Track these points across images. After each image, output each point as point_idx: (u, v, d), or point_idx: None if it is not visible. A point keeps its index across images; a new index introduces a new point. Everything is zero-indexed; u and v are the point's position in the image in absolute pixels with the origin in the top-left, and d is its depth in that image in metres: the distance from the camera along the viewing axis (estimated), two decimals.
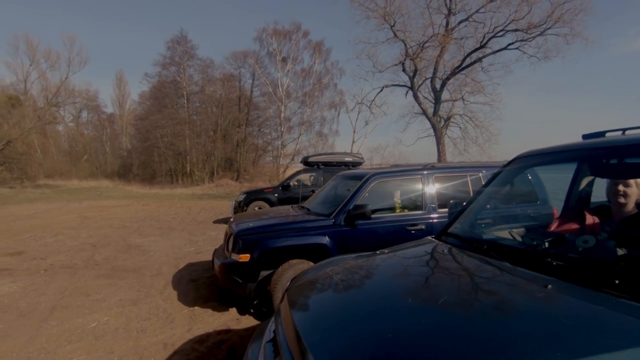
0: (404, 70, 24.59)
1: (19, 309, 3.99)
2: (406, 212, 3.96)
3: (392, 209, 4.03)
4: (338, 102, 34.97)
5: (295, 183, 9.84)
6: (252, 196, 9.49)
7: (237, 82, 34.83)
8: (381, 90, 27.47)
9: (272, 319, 1.85)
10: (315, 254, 3.54)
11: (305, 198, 8.87)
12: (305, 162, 10.30)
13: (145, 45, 72.49)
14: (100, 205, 15.05)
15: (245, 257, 3.49)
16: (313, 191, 9.05)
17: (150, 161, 34.41)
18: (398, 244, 2.44)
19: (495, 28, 22.15)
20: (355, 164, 10.12)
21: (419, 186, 4.01)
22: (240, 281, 3.51)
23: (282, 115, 33.32)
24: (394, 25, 23.16)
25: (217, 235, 8.04)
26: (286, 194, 9.42)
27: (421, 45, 23.58)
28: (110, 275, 5.23)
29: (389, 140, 75.94)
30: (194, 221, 10.41)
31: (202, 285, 4.69)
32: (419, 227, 3.77)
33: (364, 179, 3.94)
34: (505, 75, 29.45)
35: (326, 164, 9.92)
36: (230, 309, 3.89)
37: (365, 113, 32.69)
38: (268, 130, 36.61)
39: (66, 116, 41.37)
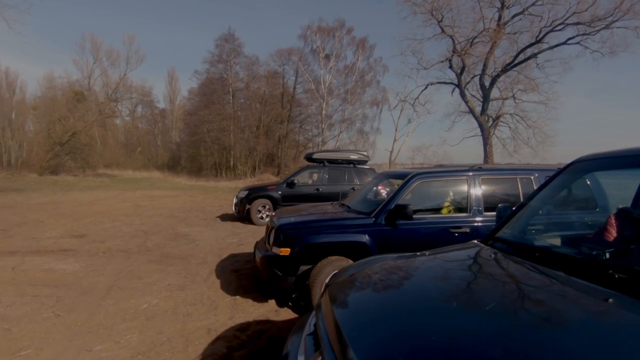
0: (450, 67, 23.72)
1: (82, 287, 4.38)
2: (450, 214, 3.85)
3: (435, 210, 3.94)
4: (380, 100, 34.50)
5: (299, 180, 9.53)
6: (255, 193, 9.08)
7: (281, 79, 35.49)
8: (425, 88, 26.73)
9: (313, 313, 1.89)
10: (355, 251, 3.54)
11: (311, 195, 9.01)
12: (309, 158, 10.00)
13: (196, 44, 75.83)
14: (152, 195, 16.04)
15: (285, 251, 3.58)
16: (318, 189, 9.20)
17: (197, 154, 36.08)
18: (440, 246, 2.39)
19: (553, 22, 20.67)
20: (360, 162, 9.95)
21: (465, 188, 3.87)
22: (280, 274, 3.61)
23: (324, 112, 33.47)
24: (441, 21, 22.38)
25: (258, 228, 8.28)
26: (291, 191, 9.14)
27: (470, 40, 22.59)
28: (160, 261, 5.58)
29: (433, 139, 73.79)
30: None
31: (244, 275, 4.86)
32: (463, 229, 3.65)
33: (407, 179, 3.87)
34: (563, 72, 27.28)
35: (331, 161, 9.71)
36: (269, 301, 4.01)
37: (408, 111, 31.97)
38: (309, 127, 37.00)
39: (123, 110, 44.44)
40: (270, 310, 3.76)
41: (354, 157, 9.89)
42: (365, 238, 3.57)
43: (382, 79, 35.46)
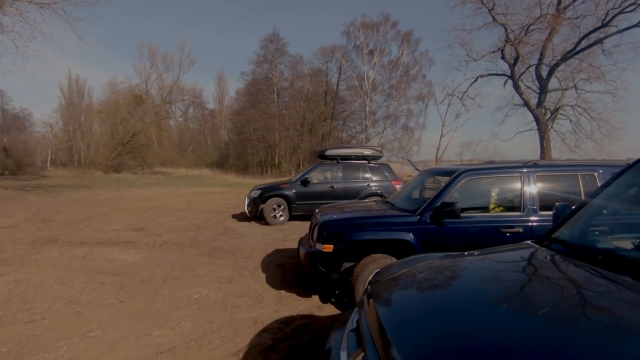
0: (503, 57, 22.33)
1: (141, 276, 4.74)
2: (501, 213, 3.64)
3: (484, 209, 3.75)
4: (426, 94, 33.42)
5: (313, 178, 9.20)
6: (268, 192, 8.68)
7: (324, 77, 35.66)
8: (475, 81, 25.35)
9: (356, 309, 1.90)
10: (399, 249, 3.49)
11: (326, 193, 8.79)
12: (322, 155, 9.67)
13: (243, 45, 78.41)
14: (202, 192, 16.89)
15: (329, 248, 3.61)
16: (332, 187, 8.90)
17: (244, 153, 37.38)
18: (489, 247, 2.28)
19: (622, 2, 18.66)
20: (374, 158, 9.64)
21: (518, 185, 3.64)
22: (324, 270, 3.64)
23: (367, 108, 33.12)
24: (492, 9, 21.14)
25: (302, 225, 8.42)
26: (305, 189, 8.81)
27: (525, 28, 21.08)
28: (211, 254, 5.87)
29: (483, 134, 70.06)
30: None
31: (288, 271, 4.98)
32: (515, 229, 3.45)
33: (454, 175, 3.73)
34: (634, 58, 24.57)
35: (344, 158, 9.42)
36: (313, 296, 4.07)
37: (456, 105, 30.67)
38: (353, 124, 36.86)
39: (176, 112, 47.20)
40: (314, 306, 3.82)
41: (367, 152, 9.59)
42: (410, 236, 3.50)
43: (428, 73, 34.30)
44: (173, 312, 3.64)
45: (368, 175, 9.26)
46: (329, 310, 3.71)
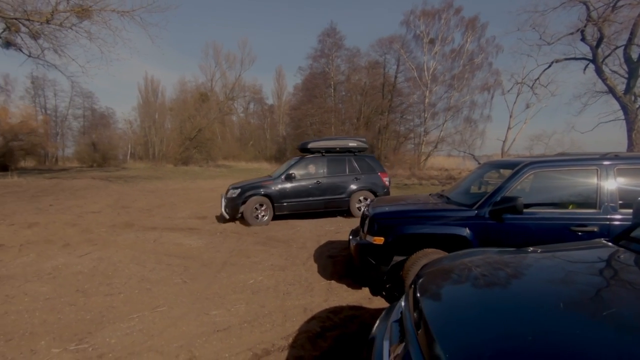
0: (583, 39, 19.96)
1: (202, 260, 5.08)
2: (572, 210, 3.29)
3: (551, 205, 3.42)
4: (492, 84, 31.25)
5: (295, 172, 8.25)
6: (249, 191, 7.71)
7: (382, 69, 34.94)
8: (549, 66, 22.97)
9: (402, 299, 1.85)
10: (453, 245, 3.31)
11: (312, 189, 8.12)
12: (304, 148, 8.80)
13: (302, 41, 79.64)
14: None
15: (379, 240, 3.55)
16: (318, 182, 8.21)
17: None
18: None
19: None
20: (360, 150, 8.95)
21: (593, 180, 3.25)
22: (374, 263, 3.60)
23: (427, 100, 31.89)
24: None
25: (355, 218, 8.39)
26: (290, 185, 8.03)
27: (612, 4, 18.66)
28: (265, 243, 6.11)
29: (557, 126, 63.67)
30: None
31: (339, 262, 5.01)
32: (589, 228, 3.09)
33: (517, 168, 3.44)
34: None
35: (329, 151, 8.71)
36: (363, 289, 4.05)
37: (526, 94, 28.05)
38: (411, 117, 35.76)
39: (238, 108, 49.51)
40: (363, 298, 3.81)
41: (352, 144, 8.89)
42: (466, 231, 3.31)
43: (494, 61, 31.93)
44: (229, 294, 3.86)
45: (354, 168, 8.66)
46: (379, 303, 3.67)
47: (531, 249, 2.02)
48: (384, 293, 3.89)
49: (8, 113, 30.18)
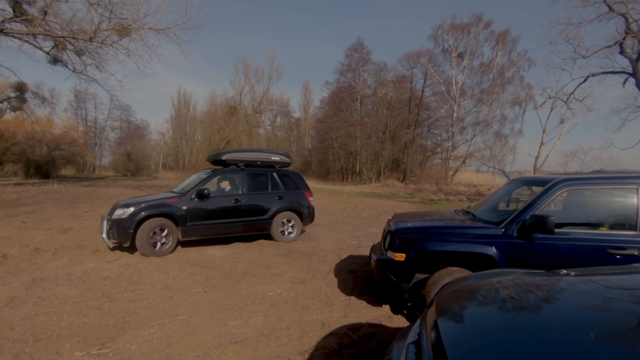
0: (622, 52, 19.10)
1: (224, 270, 5.13)
2: (609, 231, 3.08)
3: (586, 225, 3.21)
4: (524, 98, 30.36)
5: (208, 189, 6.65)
6: (146, 210, 5.92)
7: (409, 83, 34.80)
8: (585, 80, 22.14)
9: (419, 320, 1.78)
10: (478, 264, 3.18)
11: (229, 209, 6.67)
12: (217, 161, 7.31)
13: (329, 54, 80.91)
14: None
15: (400, 256, 3.46)
16: (237, 200, 6.82)
17: (326, 160, 38.31)
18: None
19: None
20: (283, 164, 7.80)
21: (633, 199, 3.03)
22: (394, 280, 3.50)
23: (455, 114, 31.36)
24: None
25: (378, 232, 8.25)
26: (202, 204, 6.45)
27: None
28: (287, 255, 6.10)
29: (594, 142, 60.68)
30: (359, 217, 11.00)
31: (360, 277, 4.91)
32: (628, 252, 2.87)
33: (549, 185, 3.27)
34: None
35: (249, 164, 7.36)
36: (383, 306, 3.94)
37: (560, 109, 27.03)
38: (438, 131, 35.26)
39: (265, 121, 50.59)
40: (383, 315, 3.70)
41: (275, 158, 7.66)
42: (492, 250, 3.17)
43: (526, 75, 31.06)
44: (248, 305, 3.86)
45: (277, 185, 7.44)
46: (399, 322, 3.55)
47: (564, 271, 1.89)
48: (405, 312, 3.77)
49: (52, 124, 32.28)
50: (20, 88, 25.34)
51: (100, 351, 2.88)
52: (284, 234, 7.26)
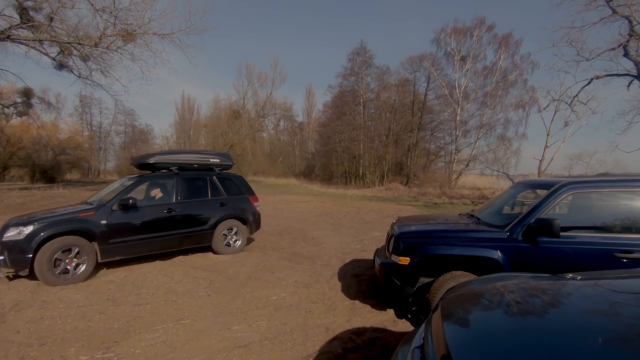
0: (626, 54, 19.01)
1: (227, 274, 5.13)
2: (615, 234, 3.05)
3: (592, 229, 3.19)
4: (527, 101, 30.22)
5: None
6: (49, 227, 4.77)
7: (412, 87, 34.80)
8: (589, 83, 22.01)
9: (424, 324, 1.76)
10: (483, 268, 3.16)
11: (161, 220, 5.69)
12: (143, 164, 6.26)
13: (331, 58, 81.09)
14: (288, 200, 17.72)
15: (405, 260, 3.45)
16: (170, 210, 5.82)
17: (329, 163, 38.31)
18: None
19: None
20: (224, 167, 6.99)
21: None
22: (399, 283, 3.49)
23: (458, 118, 31.28)
24: (612, 0, 18.28)
25: (381, 236, 8.21)
26: (126, 216, 5.37)
27: None
28: (290, 259, 6.10)
29: (599, 145, 60.19)
30: (362, 221, 10.97)
31: (364, 281, 4.89)
32: (635, 255, 2.85)
33: (554, 188, 3.25)
34: None
35: (183, 168, 6.43)
36: (388, 310, 3.92)
37: (564, 112, 26.98)
38: (441, 135, 35.14)
39: (269, 125, 50.78)
40: (388, 320, 3.68)
41: (215, 160, 6.83)
42: (497, 254, 3.14)
43: (530, 78, 30.92)
44: (252, 310, 3.85)
45: (218, 190, 6.60)
46: (404, 326, 3.53)
47: (570, 275, 1.87)
48: (409, 316, 3.74)
49: (58, 129, 32.57)
50: (27, 93, 25.57)
51: (104, 355, 2.88)
52: (228, 246, 6.48)
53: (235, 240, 6.60)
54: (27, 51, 13.77)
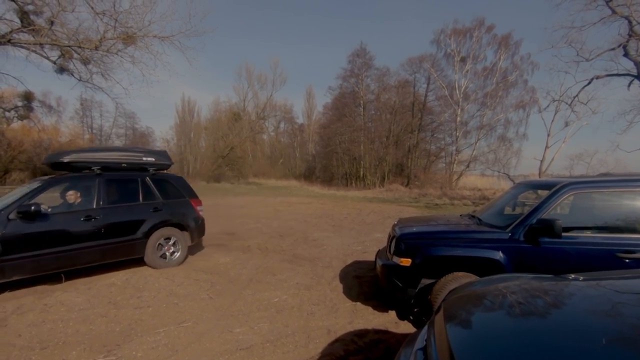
0: (626, 54, 19.01)
1: (229, 276, 5.13)
2: (618, 234, 3.04)
3: (594, 229, 3.18)
4: (528, 102, 30.25)
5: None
6: None
7: (412, 88, 34.83)
8: (589, 83, 21.99)
9: (427, 326, 1.76)
10: (485, 269, 3.15)
11: (76, 230, 4.81)
12: (57, 164, 5.34)
13: (332, 60, 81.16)
14: (289, 202, 17.73)
15: (406, 262, 3.44)
16: (89, 217, 4.95)
17: (330, 165, 38.34)
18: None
19: None
20: (161, 167, 6.18)
21: None
22: (400, 285, 3.48)
23: (458, 119, 31.32)
24: (611, 0, 18.30)
25: (382, 237, 8.21)
26: (28, 227, 4.47)
27: None
28: (292, 261, 6.09)
29: (600, 145, 60.16)
30: (363, 222, 10.96)
31: (366, 283, 4.88)
32: (638, 255, 2.84)
33: (556, 188, 3.25)
34: None
35: (107, 168, 5.49)
36: (390, 312, 3.91)
37: (564, 112, 26.95)
38: (442, 136, 35.18)
39: (269, 127, 50.81)
40: (390, 321, 3.67)
41: (149, 159, 5.95)
42: (499, 255, 3.14)
43: (530, 78, 30.95)
44: (254, 312, 3.85)
45: (153, 194, 5.74)
46: (406, 327, 3.52)
47: (572, 276, 1.87)
48: (411, 317, 3.74)
49: (59, 132, 32.63)
50: (28, 97, 25.63)
51: (106, 358, 2.88)
52: (165, 258, 5.63)
53: (173, 252, 5.74)
54: (28, 55, 13.81)
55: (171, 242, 5.74)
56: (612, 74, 20.74)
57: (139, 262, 5.55)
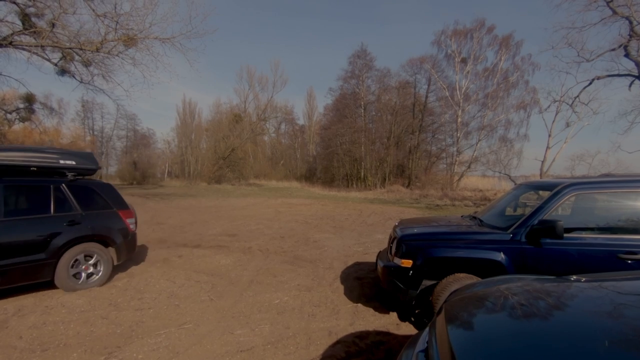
0: (627, 55, 18.98)
1: (230, 278, 5.12)
2: (620, 235, 3.03)
3: (596, 230, 3.17)
4: (529, 102, 30.17)
5: None
6: None
7: (412, 89, 34.83)
8: (590, 84, 21.95)
9: (428, 327, 1.75)
10: (486, 270, 3.14)
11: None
12: None
13: (332, 62, 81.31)
14: (290, 203, 17.72)
15: (407, 263, 3.43)
16: None
17: (331, 166, 38.32)
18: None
19: None
20: (83, 172, 5.16)
21: None
22: (402, 286, 3.47)
23: (459, 120, 31.28)
24: (612, 1, 18.28)
25: (384, 239, 8.21)
26: None
27: None
28: (293, 262, 6.08)
29: (601, 145, 59.94)
30: (364, 223, 10.95)
31: (367, 284, 4.87)
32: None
33: (557, 189, 3.24)
34: None
35: (10, 171, 4.48)
36: (391, 313, 3.90)
37: (565, 113, 26.93)
38: (443, 137, 35.16)
39: (270, 128, 50.87)
40: (391, 323, 3.66)
41: (68, 161, 4.87)
42: (500, 256, 3.13)
43: (531, 79, 30.92)
44: (255, 314, 3.84)
45: (69, 204, 4.74)
46: (407, 329, 3.51)
47: (574, 277, 1.86)
48: (412, 319, 3.73)
49: (60, 134, 32.71)
50: (29, 99, 25.71)
51: None
52: (78, 278, 4.65)
53: (92, 274, 4.77)
54: (29, 57, 13.86)
55: (92, 262, 4.80)
56: (613, 75, 20.71)
57: (139, 265, 5.54)
